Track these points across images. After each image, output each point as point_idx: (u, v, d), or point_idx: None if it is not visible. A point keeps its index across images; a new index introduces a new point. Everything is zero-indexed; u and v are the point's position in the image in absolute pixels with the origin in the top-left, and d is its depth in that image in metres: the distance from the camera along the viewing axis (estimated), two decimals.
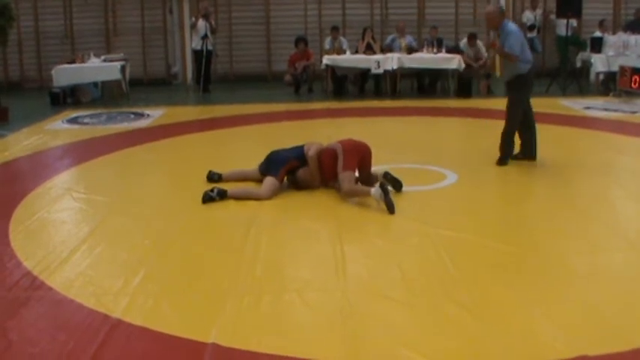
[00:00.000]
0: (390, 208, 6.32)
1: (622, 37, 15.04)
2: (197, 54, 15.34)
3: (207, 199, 6.75)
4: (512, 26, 8.06)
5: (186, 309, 4.45)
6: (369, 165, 7.12)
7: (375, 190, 6.47)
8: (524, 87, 8.06)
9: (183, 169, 8.41)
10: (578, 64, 15.63)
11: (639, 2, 17.49)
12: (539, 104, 7.97)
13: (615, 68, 14.28)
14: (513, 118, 8.06)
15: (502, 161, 8.07)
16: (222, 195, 6.81)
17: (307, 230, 6.09)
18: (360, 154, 6.99)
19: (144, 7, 17.54)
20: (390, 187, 6.74)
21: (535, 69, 8.29)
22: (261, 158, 7.28)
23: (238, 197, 6.86)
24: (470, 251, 5.42)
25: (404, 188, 6.95)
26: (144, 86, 16.75)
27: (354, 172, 6.90)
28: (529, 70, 8.01)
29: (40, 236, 5.98)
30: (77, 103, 14.07)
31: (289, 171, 7.12)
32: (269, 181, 6.97)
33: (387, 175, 6.96)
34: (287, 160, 7.12)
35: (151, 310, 4.38)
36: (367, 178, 7.03)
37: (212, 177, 7.34)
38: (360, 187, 6.86)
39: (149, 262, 5.23)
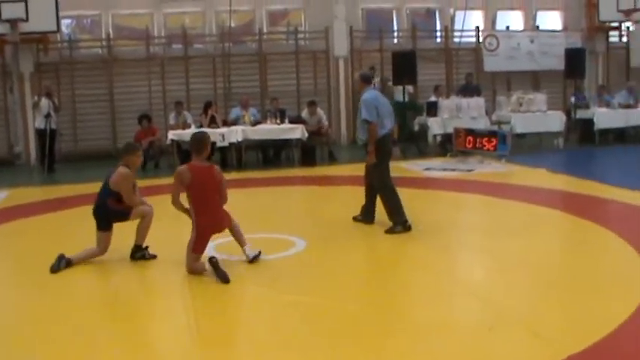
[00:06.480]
0: (224, 279, 6.46)
1: (455, 100, 16.07)
2: (40, 133, 15.13)
3: (55, 269, 6.98)
4: (367, 94, 8.41)
5: None
6: None
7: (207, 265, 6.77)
8: (381, 152, 8.26)
9: (29, 253, 8.15)
10: (416, 128, 16.40)
11: (469, 68, 18.82)
12: None
13: (450, 130, 15.25)
14: (383, 183, 8.35)
15: (404, 225, 8.21)
16: (69, 263, 7.08)
17: (159, 306, 6.16)
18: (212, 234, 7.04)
19: None
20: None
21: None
22: None
23: (83, 260, 7.21)
24: (318, 314, 5.63)
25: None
26: None
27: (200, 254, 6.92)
28: (383, 135, 8.27)
29: None
30: None
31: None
32: (99, 237, 7.36)
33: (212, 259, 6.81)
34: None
35: None
36: None
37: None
38: (198, 265, 6.86)
39: None
